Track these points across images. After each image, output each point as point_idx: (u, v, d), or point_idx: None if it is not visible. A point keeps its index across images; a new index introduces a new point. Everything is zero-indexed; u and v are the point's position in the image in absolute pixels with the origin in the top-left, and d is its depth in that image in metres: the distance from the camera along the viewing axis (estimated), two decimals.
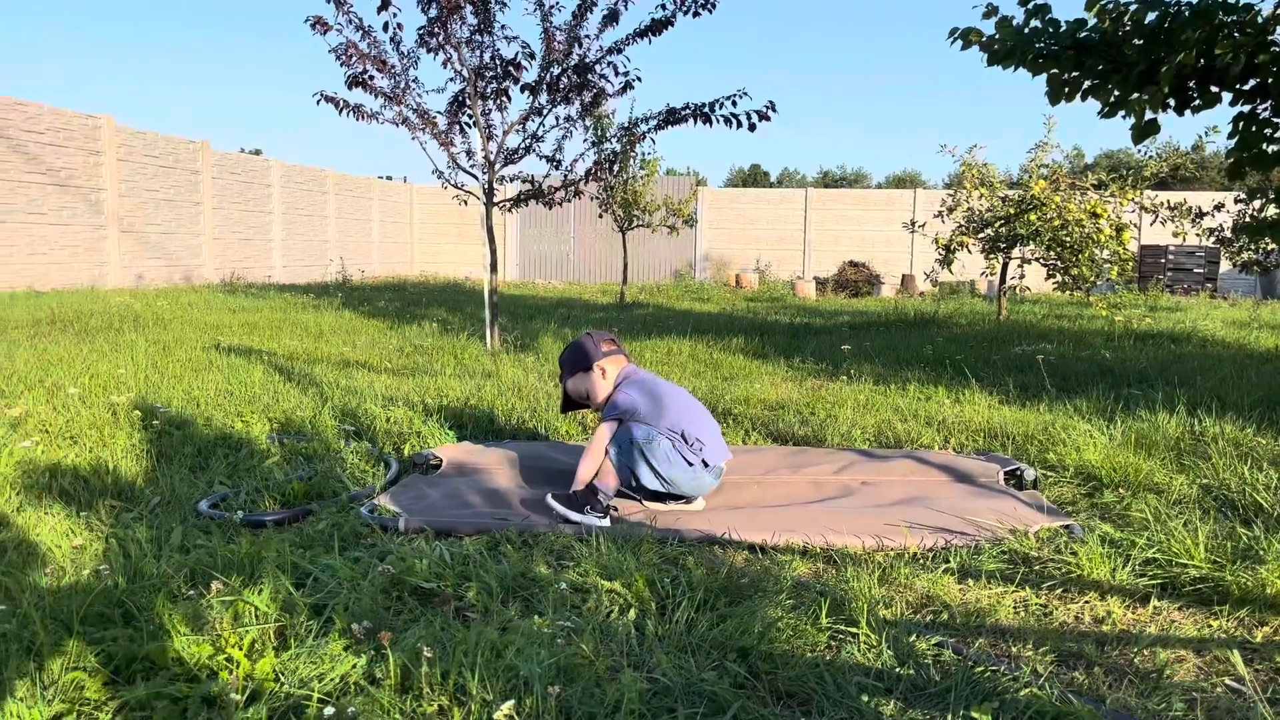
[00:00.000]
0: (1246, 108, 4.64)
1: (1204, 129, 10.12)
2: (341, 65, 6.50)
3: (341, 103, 6.66)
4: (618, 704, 1.55)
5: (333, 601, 1.97)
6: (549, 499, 2.82)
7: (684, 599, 2.03)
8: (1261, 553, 2.29)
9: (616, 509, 2.90)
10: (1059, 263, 9.54)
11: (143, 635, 1.77)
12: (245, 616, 1.86)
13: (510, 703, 1.50)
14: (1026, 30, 4.73)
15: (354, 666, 1.69)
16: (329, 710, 1.50)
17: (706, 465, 2.98)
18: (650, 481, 2.92)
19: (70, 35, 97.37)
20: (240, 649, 1.72)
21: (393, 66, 6.62)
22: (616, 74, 6.66)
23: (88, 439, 3.49)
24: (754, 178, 54.61)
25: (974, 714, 1.55)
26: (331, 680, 1.66)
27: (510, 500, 2.98)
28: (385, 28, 6.48)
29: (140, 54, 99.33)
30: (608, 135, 9.66)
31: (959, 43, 5.03)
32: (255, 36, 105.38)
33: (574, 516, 2.74)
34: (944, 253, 10.08)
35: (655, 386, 3.12)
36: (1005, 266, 10.28)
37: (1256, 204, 9.68)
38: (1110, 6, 4.51)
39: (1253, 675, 1.77)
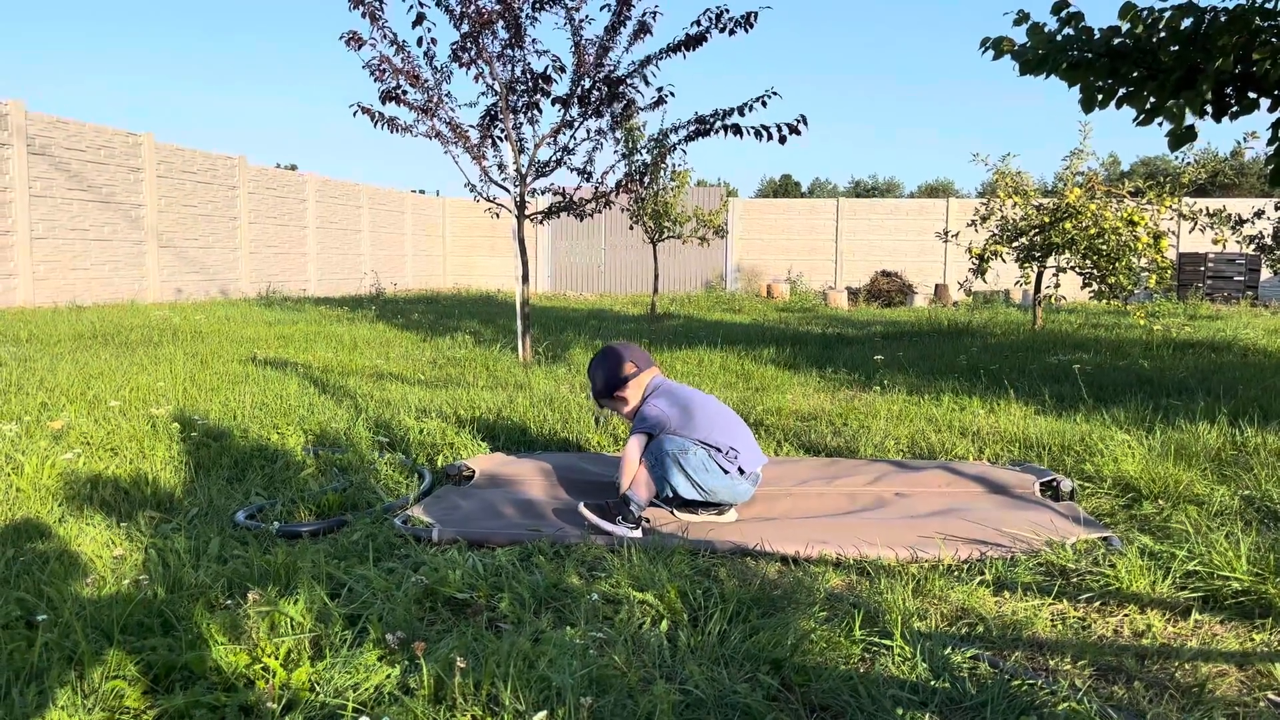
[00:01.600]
0: None
1: (1242, 135, 9.95)
2: (375, 80, 6.58)
3: (377, 115, 6.74)
4: (650, 715, 1.55)
5: (367, 612, 1.98)
6: (581, 507, 2.82)
7: (716, 610, 2.03)
8: None
9: (649, 520, 2.90)
10: (1095, 271, 9.42)
11: (181, 644, 1.79)
12: (281, 626, 1.88)
13: (543, 713, 1.51)
14: (1059, 38, 4.69)
15: (388, 676, 1.71)
16: (364, 719, 1.52)
17: (743, 473, 2.97)
18: (688, 492, 2.92)
19: (110, 52, 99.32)
20: (276, 658, 1.74)
21: (426, 81, 6.69)
22: (648, 85, 6.68)
23: (128, 451, 3.55)
24: (785, 188, 54.48)
25: None
26: (366, 690, 1.67)
27: (543, 511, 2.99)
28: (419, 43, 6.56)
29: (178, 71, 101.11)
30: (638, 147, 9.72)
31: (990, 52, 5.00)
32: (291, 52, 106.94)
33: (606, 526, 2.74)
34: (978, 262, 9.99)
35: (684, 396, 3.12)
36: (1040, 275, 10.17)
37: None
38: (1145, 13, 4.47)
39: None
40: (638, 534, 2.75)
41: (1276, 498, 2.93)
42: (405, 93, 6.66)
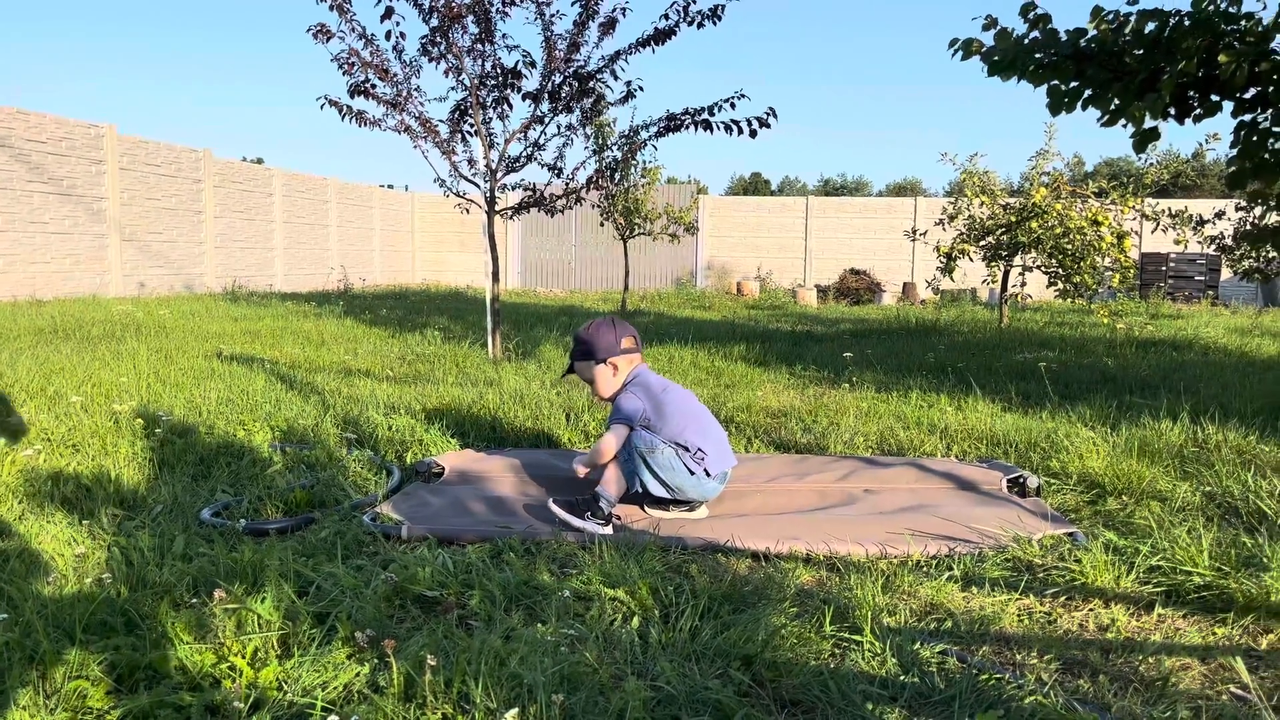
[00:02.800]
0: (1248, 116, 4.65)
1: (1204, 137, 10.12)
2: (344, 74, 6.51)
3: (345, 108, 6.67)
4: (622, 712, 1.54)
5: (336, 610, 1.97)
6: (551, 504, 2.81)
7: (688, 607, 2.03)
8: (1266, 560, 2.29)
9: (619, 517, 2.90)
10: (1060, 270, 9.54)
11: (146, 644, 1.77)
12: (248, 625, 1.86)
13: (514, 711, 1.50)
14: (1026, 41, 4.74)
15: (357, 675, 1.69)
16: (333, 718, 1.50)
17: (709, 474, 2.98)
18: (655, 489, 2.92)
19: (73, 45, 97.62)
20: (243, 657, 1.72)
21: (395, 75, 6.64)
22: (616, 80, 6.67)
23: (90, 447, 3.49)
24: (755, 186, 54.65)
25: None
26: (335, 689, 1.65)
27: (513, 508, 2.98)
28: (388, 36, 6.50)
29: (143, 63, 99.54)
30: (609, 143, 9.71)
31: (960, 53, 5.04)
32: (257, 45, 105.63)
33: (576, 523, 2.74)
34: (945, 260, 10.08)
35: (661, 392, 3.10)
36: (1007, 274, 10.28)
37: (1257, 212, 9.70)
38: (1111, 16, 4.53)
39: (1257, 683, 1.76)
40: (608, 530, 2.74)
41: (1237, 494, 2.98)
42: (374, 86, 6.60)
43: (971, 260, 10.38)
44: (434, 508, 2.96)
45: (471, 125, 6.87)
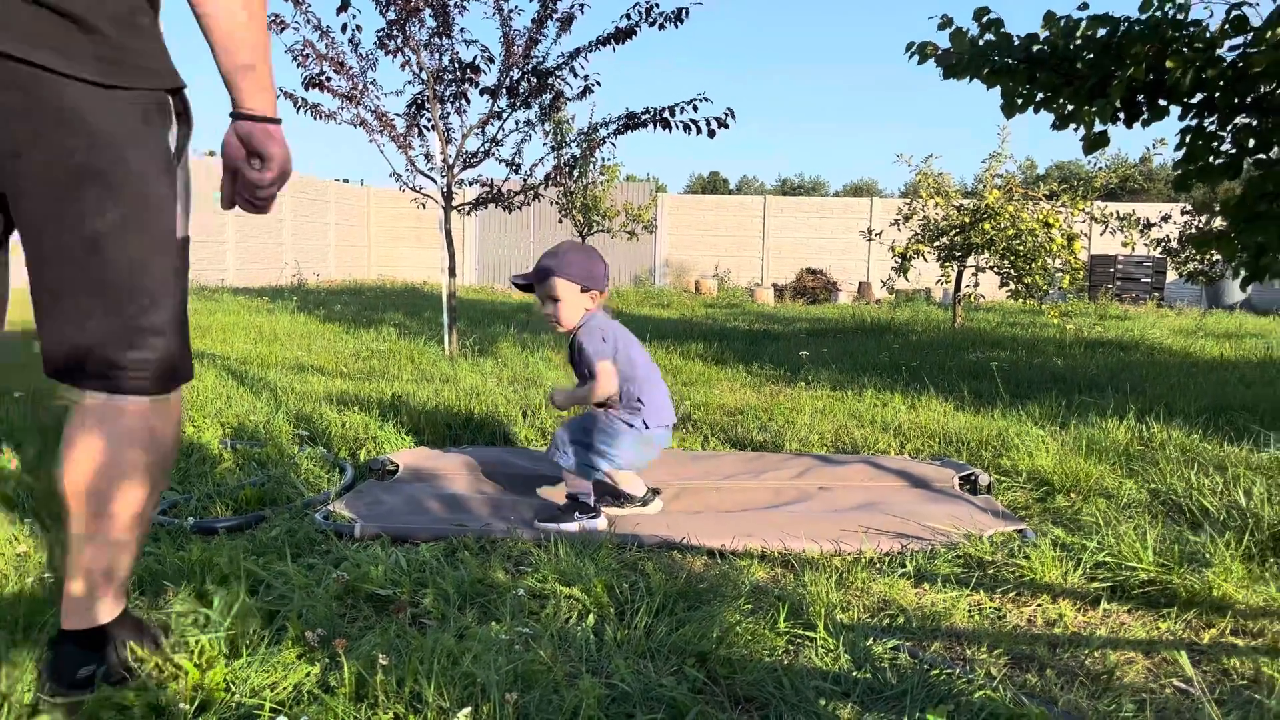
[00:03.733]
0: (1194, 121, 4.76)
1: (1152, 141, 10.33)
2: (298, 65, 6.42)
3: (299, 100, 6.58)
4: (576, 710, 1.54)
5: (286, 609, 1.94)
6: (538, 524, 2.75)
7: (643, 604, 2.03)
8: (1208, 556, 2.34)
9: (597, 508, 2.88)
10: (1012, 271, 9.69)
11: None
12: (195, 624, 1.82)
13: (467, 710, 1.49)
14: (981, 44, 4.80)
15: (308, 675, 1.67)
16: (281, 719, 1.48)
17: (647, 426, 2.91)
18: (601, 463, 2.88)
19: None
20: (190, 657, 1.68)
21: (350, 68, 6.56)
22: (576, 76, 6.66)
23: (33, 444, 3.41)
24: (713, 184, 54.84)
25: (930, 716, 1.56)
26: (284, 689, 1.63)
27: (468, 506, 2.96)
28: (344, 29, 6.43)
29: None
30: (567, 139, 9.68)
31: (916, 57, 5.10)
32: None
33: (570, 528, 2.72)
34: (900, 261, 10.19)
35: (627, 346, 2.97)
36: (960, 275, 10.42)
37: (1202, 216, 9.93)
38: (1063, 21, 4.60)
39: (1200, 676, 1.80)
40: (602, 521, 2.77)
41: (1180, 491, 3.05)
42: (329, 79, 6.52)
43: (926, 260, 10.51)
44: (387, 506, 2.93)
45: (428, 120, 6.81)
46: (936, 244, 10.21)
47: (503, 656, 1.69)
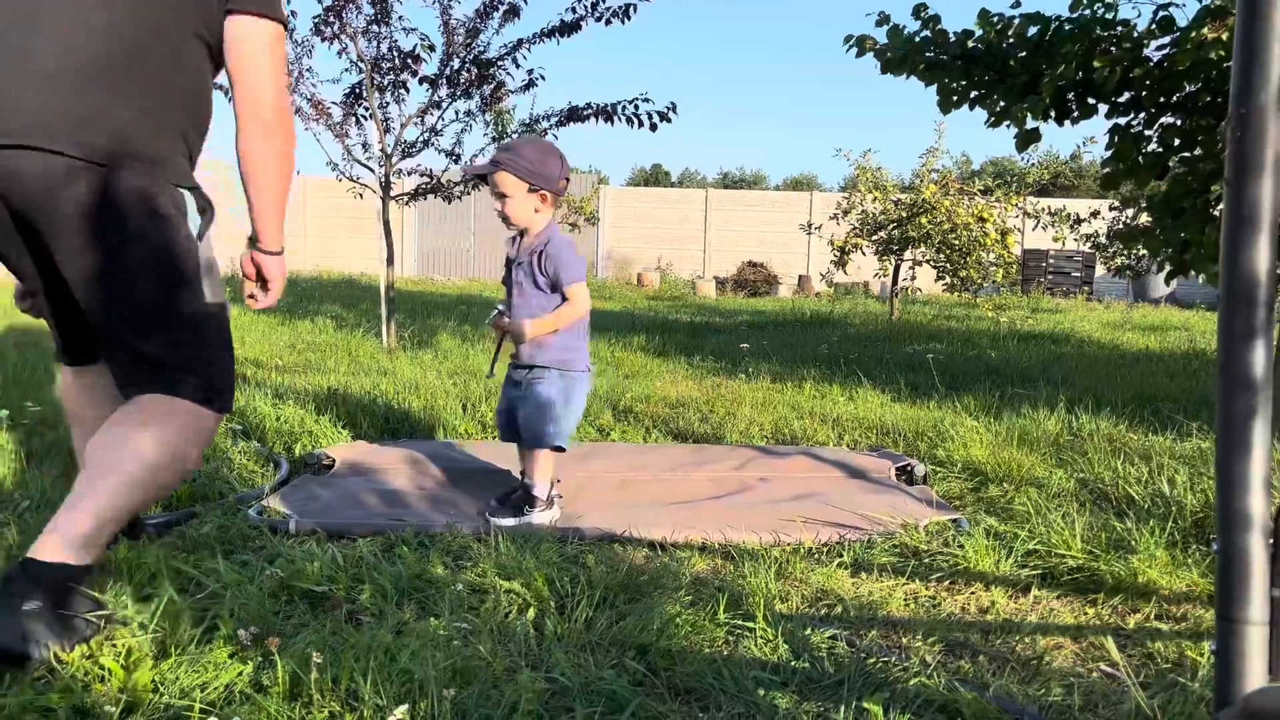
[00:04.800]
0: (1121, 120, 4.88)
1: (1082, 139, 10.60)
2: None
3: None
4: (515, 705, 1.53)
5: (217, 607, 1.89)
6: (491, 519, 2.69)
7: (583, 598, 2.03)
8: (1133, 543, 2.41)
9: (561, 495, 2.85)
10: (948, 265, 9.88)
11: None
12: (122, 625, 1.77)
13: (404, 707, 1.47)
14: (918, 39, 4.87)
15: (240, 674, 1.63)
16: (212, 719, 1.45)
17: (587, 370, 2.84)
18: (554, 433, 2.75)
19: None
20: (116, 658, 1.64)
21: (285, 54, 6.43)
22: (519, 68, 6.60)
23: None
24: (655, 177, 54.87)
25: (866, 704, 1.59)
26: (215, 689, 1.59)
27: (407, 500, 2.92)
28: None
29: None
30: (509, 130, 9.60)
31: (854, 49, 5.16)
32: None
33: (534, 519, 2.70)
34: (839, 254, 10.32)
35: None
36: (897, 268, 10.59)
37: (1129, 212, 10.21)
38: (997, 19, 4.69)
39: (1125, 660, 1.85)
40: (556, 513, 2.76)
41: (1108, 480, 3.13)
42: None
43: (864, 254, 10.65)
44: (324, 500, 2.88)
45: (366, 108, 6.70)
46: (874, 238, 10.36)
47: (441, 652, 1.67)
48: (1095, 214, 11.25)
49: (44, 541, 1.78)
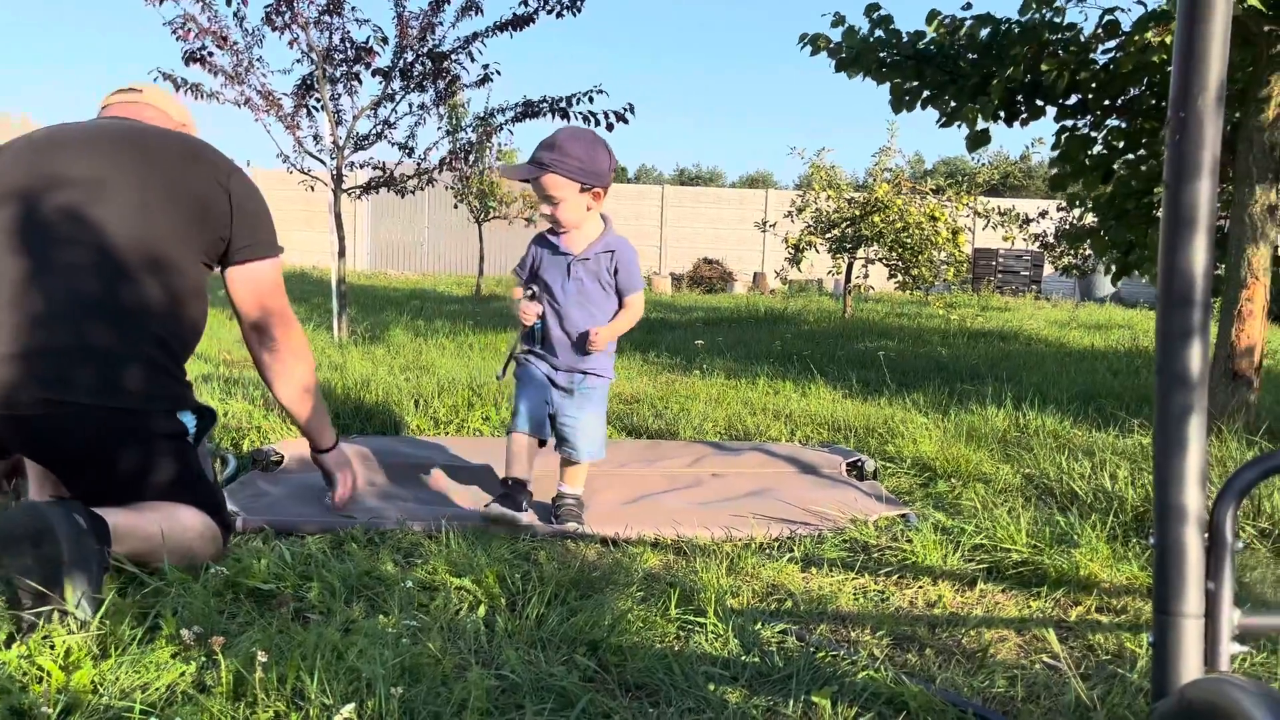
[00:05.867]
0: (1069, 122, 4.97)
1: (1031, 140, 10.80)
2: (178, 39, 6.15)
3: (179, 80, 6.31)
4: (464, 702, 1.52)
5: (160, 606, 1.86)
6: (492, 509, 2.53)
7: (535, 594, 2.02)
8: (1076, 537, 2.46)
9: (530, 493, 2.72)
10: (900, 263, 10.01)
11: None
12: (60, 624, 1.73)
13: (351, 705, 1.45)
14: (871, 40, 4.92)
15: (182, 674, 1.60)
16: None
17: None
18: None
19: None
20: (54, 659, 1.60)
21: (235, 44, 6.32)
22: (474, 61, 6.56)
23: None
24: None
25: (815, 698, 1.60)
26: (157, 690, 1.56)
27: (357, 496, 2.89)
28: (228, 2, 6.18)
29: None
30: (463, 125, 9.55)
31: (808, 48, 5.19)
32: (83, 8, 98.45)
33: (574, 527, 2.59)
34: (793, 252, 10.40)
35: None
36: (850, 266, 10.69)
37: (1076, 213, 10.41)
38: (948, 20, 4.75)
39: (1066, 652, 1.89)
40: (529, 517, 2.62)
41: (1052, 475, 3.19)
42: (211, 55, 6.26)
43: (818, 252, 10.75)
44: (272, 497, 2.84)
45: (318, 100, 6.61)
46: (828, 236, 10.46)
47: (389, 650, 1.65)
48: (1044, 214, 11.46)
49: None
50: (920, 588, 2.26)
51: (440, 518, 2.57)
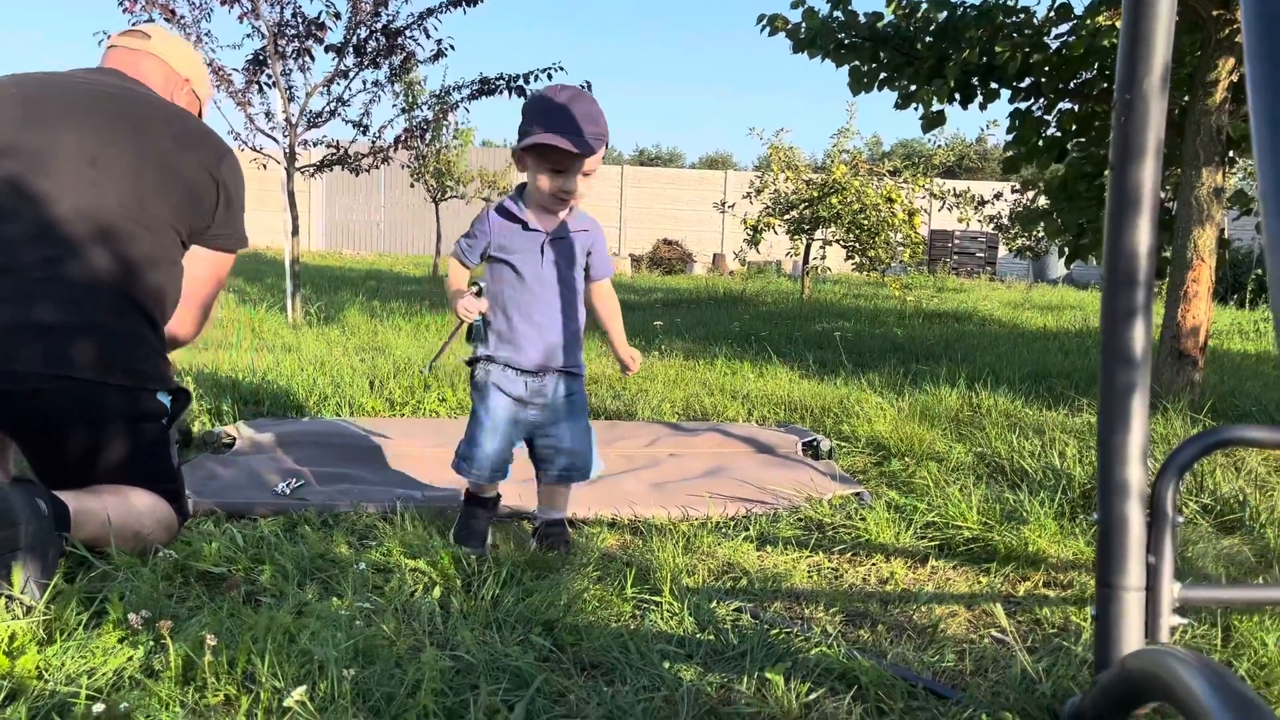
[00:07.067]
0: (1023, 105, 5.02)
1: (986, 122, 10.91)
2: (124, 11, 6.00)
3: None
4: (418, 683, 1.51)
5: (107, 590, 1.83)
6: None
7: (490, 575, 2.01)
8: (1025, 514, 2.50)
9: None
10: (857, 244, 10.07)
11: None
12: (5, 610, 1.70)
13: (302, 688, 1.44)
14: (830, 21, 4.93)
15: (130, 659, 1.58)
16: (98, 707, 1.40)
17: None
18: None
19: None
20: None
21: (182, 17, 6.17)
22: (429, 38, 6.47)
23: None
24: None
25: (768, 674, 1.62)
26: (104, 675, 1.54)
27: (310, 479, 2.86)
28: None
29: None
30: (419, 102, 9.43)
31: (766, 29, 5.19)
32: None
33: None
34: (752, 233, 10.42)
35: None
36: (808, 247, 10.74)
37: (1030, 194, 10.55)
38: (905, 3, 4.77)
39: (1014, 626, 1.93)
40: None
41: (1004, 453, 3.24)
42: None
43: (776, 233, 10.78)
44: (224, 480, 2.80)
45: (270, 76, 6.49)
46: (786, 217, 10.49)
47: (342, 632, 1.64)
48: (998, 196, 11.58)
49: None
50: (873, 565, 2.29)
51: (395, 500, 2.56)
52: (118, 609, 1.73)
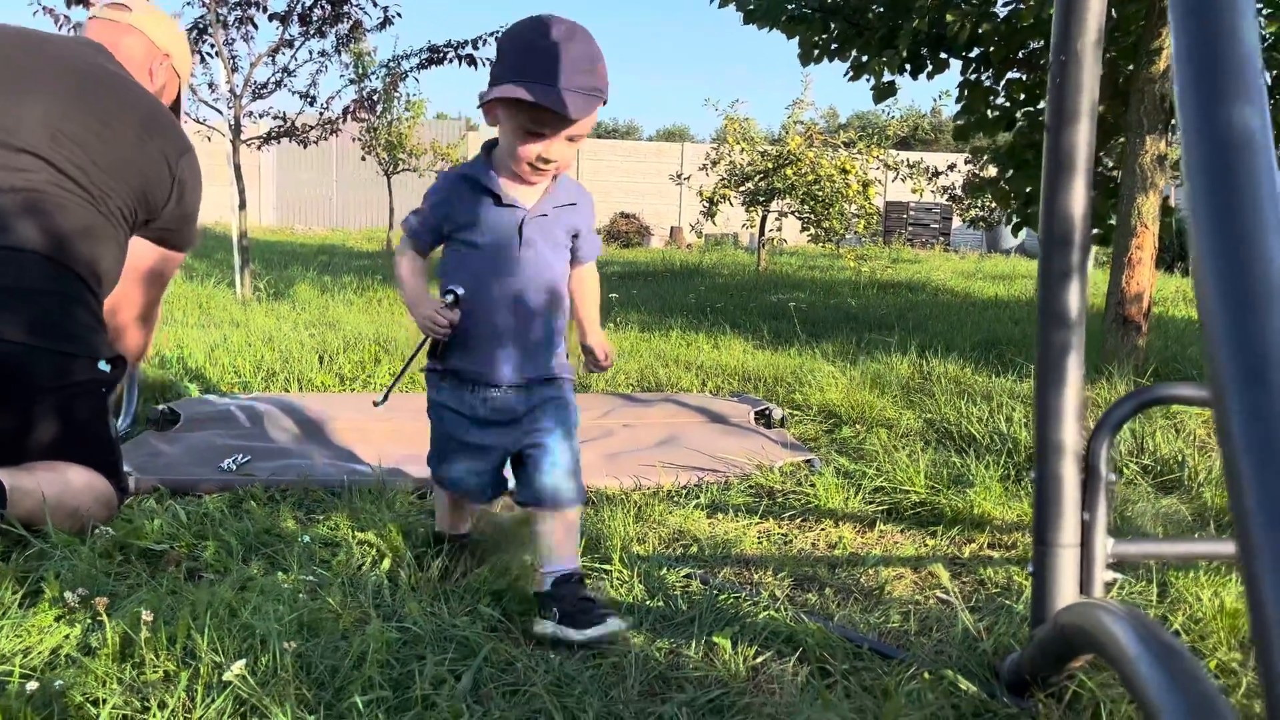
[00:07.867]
0: (972, 75, 5.05)
1: (939, 93, 10.98)
2: None
3: (60, 17, 5.97)
4: (363, 655, 1.50)
5: (43, 568, 1.79)
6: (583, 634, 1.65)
7: (439, 547, 2.00)
8: (971, 477, 2.54)
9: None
10: (812, 216, 10.10)
11: None
12: None
13: (242, 662, 1.42)
14: None
15: (67, 637, 1.55)
16: (32, 685, 1.37)
17: None
18: None
19: None
20: None
21: None
22: (376, 6, 6.35)
23: None
24: None
25: (716, 639, 1.63)
26: (40, 654, 1.51)
27: (257, 454, 2.82)
28: None
29: None
30: (368, 72, 9.27)
31: (718, 0, 5.15)
32: None
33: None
34: (708, 205, 10.41)
35: None
36: (764, 219, 10.76)
37: (979, 163, 10.64)
38: None
39: (957, 586, 1.96)
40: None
41: (952, 419, 3.28)
42: None
43: (732, 205, 10.79)
44: (167, 457, 2.75)
45: (212, 46, 6.33)
46: (742, 189, 10.49)
47: (286, 606, 1.62)
48: (952, 167, 11.70)
49: None
50: (822, 530, 2.31)
51: (344, 475, 2.53)
52: (54, 588, 1.69)
